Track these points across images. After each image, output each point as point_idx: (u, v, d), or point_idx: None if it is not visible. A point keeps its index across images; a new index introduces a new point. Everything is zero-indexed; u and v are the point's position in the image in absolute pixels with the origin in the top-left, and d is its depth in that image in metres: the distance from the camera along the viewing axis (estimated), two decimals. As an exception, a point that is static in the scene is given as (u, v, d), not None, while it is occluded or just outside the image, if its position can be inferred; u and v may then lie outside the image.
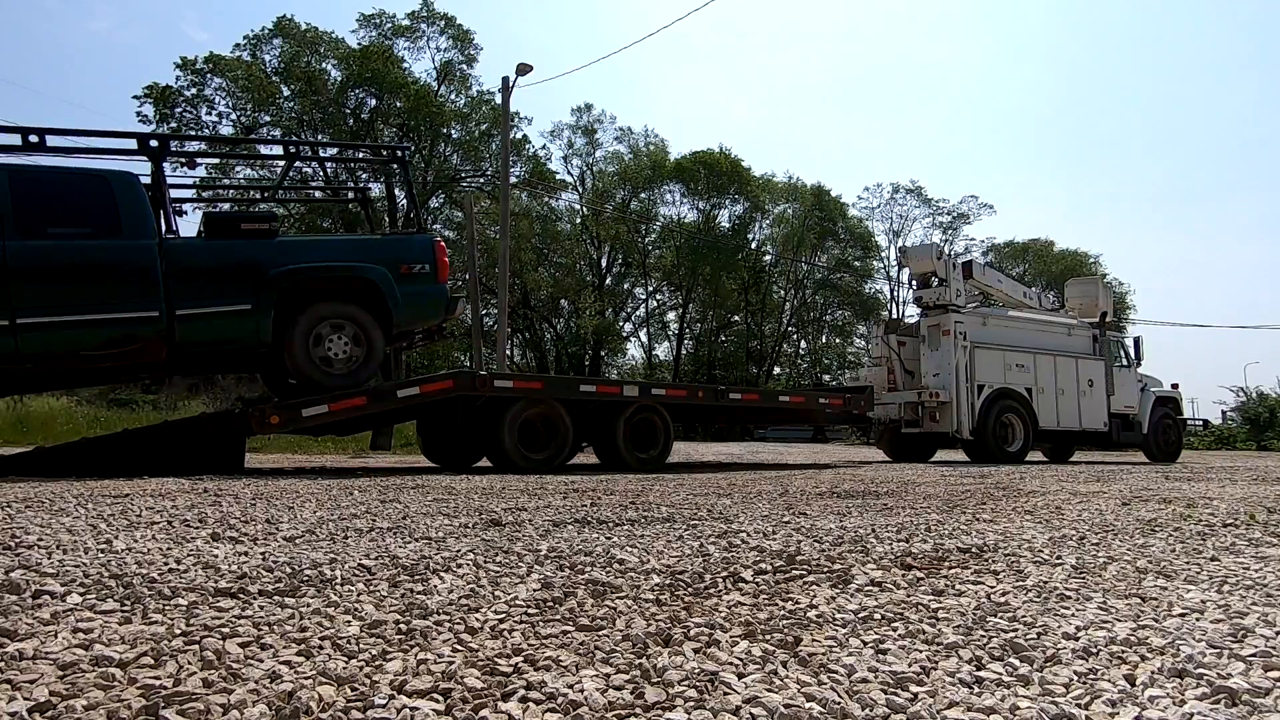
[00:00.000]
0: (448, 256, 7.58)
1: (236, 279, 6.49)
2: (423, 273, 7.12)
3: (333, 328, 6.80)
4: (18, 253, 5.76)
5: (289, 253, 6.76)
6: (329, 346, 6.80)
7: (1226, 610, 1.95)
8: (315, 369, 6.72)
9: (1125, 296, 44.54)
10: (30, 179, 6.04)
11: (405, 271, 7.01)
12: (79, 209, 6.06)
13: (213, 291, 6.41)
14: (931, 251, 13.71)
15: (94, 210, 6.07)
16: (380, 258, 7.00)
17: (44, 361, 5.97)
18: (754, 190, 41.61)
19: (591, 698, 1.30)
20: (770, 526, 3.44)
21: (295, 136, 25.63)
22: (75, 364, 6.12)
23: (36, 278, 5.86)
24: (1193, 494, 5.49)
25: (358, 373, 6.89)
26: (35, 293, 5.85)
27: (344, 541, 2.87)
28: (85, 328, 6.00)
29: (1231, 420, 32.90)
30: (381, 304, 6.90)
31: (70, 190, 6.14)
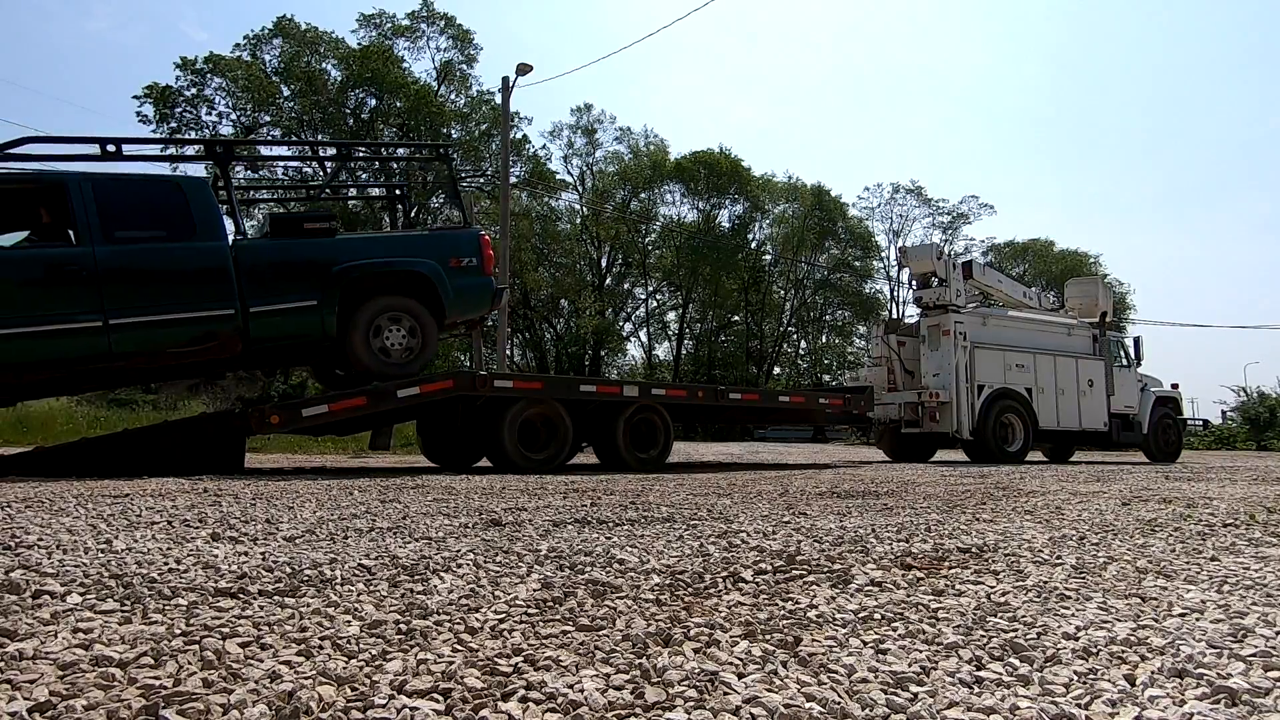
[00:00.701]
0: (492, 250, 7.91)
1: (302, 276, 6.79)
2: (471, 265, 7.46)
3: (390, 320, 7.09)
4: (106, 257, 6.05)
5: (349, 250, 7.09)
6: (387, 338, 7.11)
7: (1226, 610, 1.95)
8: (376, 360, 7.03)
9: (1125, 296, 44.56)
10: (111, 187, 6.30)
11: (455, 265, 7.34)
12: (156, 214, 6.35)
13: (282, 289, 6.72)
14: (931, 251, 13.71)
15: (169, 215, 6.37)
16: (432, 252, 7.32)
17: (133, 359, 6.26)
18: (754, 190, 41.62)
19: (591, 698, 1.30)
20: (770, 526, 3.44)
21: (295, 136, 25.64)
22: (161, 361, 6.42)
23: (124, 280, 6.13)
24: (1193, 494, 5.49)
25: (415, 362, 7.21)
26: (123, 294, 6.12)
27: (344, 541, 2.87)
28: (169, 326, 6.31)
29: (1231, 420, 32.90)
30: (434, 296, 7.21)
31: (147, 196, 6.45)
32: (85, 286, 5.98)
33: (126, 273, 6.15)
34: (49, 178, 6.38)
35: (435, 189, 24.50)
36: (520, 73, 19.31)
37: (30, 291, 5.90)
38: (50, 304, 5.92)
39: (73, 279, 5.95)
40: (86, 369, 6.19)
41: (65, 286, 5.95)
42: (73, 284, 5.96)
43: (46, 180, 6.33)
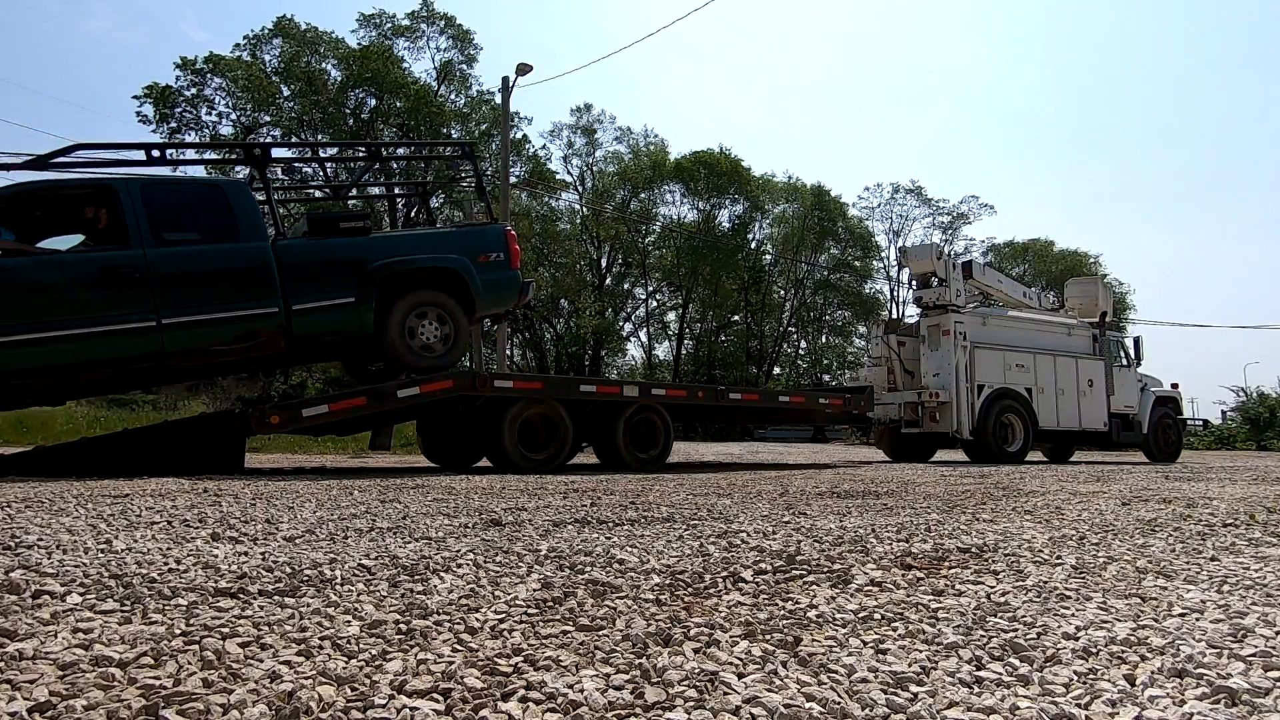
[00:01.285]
0: (518, 244, 8.15)
1: (341, 274, 6.97)
2: (498, 260, 7.68)
3: (423, 315, 7.30)
4: (156, 260, 6.23)
5: (384, 248, 7.27)
6: (421, 332, 7.30)
7: (1226, 610, 1.95)
8: (411, 353, 7.22)
9: (1125, 296, 44.55)
10: (158, 191, 6.52)
11: (483, 260, 7.55)
12: (200, 216, 6.56)
13: (321, 287, 6.89)
14: (931, 252, 13.71)
15: (213, 217, 6.57)
16: (461, 248, 7.55)
17: (185, 357, 6.46)
18: (754, 190, 41.60)
19: (591, 698, 1.30)
20: (770, 526, 3.44)
21: (296, 136, 25.62)
22: (210, 358, 6.62)
23: (174, 281, 6.30)
24: (1193, 494, 5.49)
25: (448, 355, 7.45)
26: (174, 295, 6.29)
27: (344, 541, 2.87)
28: (218, 325, 6.49)
29: (1231, 420, 32.90)
30: (465, 291, 7.43)
31: (191, 200, 6.69)
32: (138, 288, 6.16)
33: (176, 274, 6.32)
34: (99, 182, 6.57)
35: (437, 188, 24.46)
36: (520, 73, 19.31)
37: (87, 293, 6.06)
38: (106, 305, 6.09)
39: (126, 281, 6.12)
40: (141, 368, 6.38)
41: (120, 288, 6.12)
42: (127, 286, 6.13)
43: (97, 185, 6.52)
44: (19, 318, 5.83)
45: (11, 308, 5.82)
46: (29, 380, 6.06)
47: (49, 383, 6.22)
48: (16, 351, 5.83)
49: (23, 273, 5.94)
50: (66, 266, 6.14)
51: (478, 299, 7.50)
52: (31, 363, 5.92)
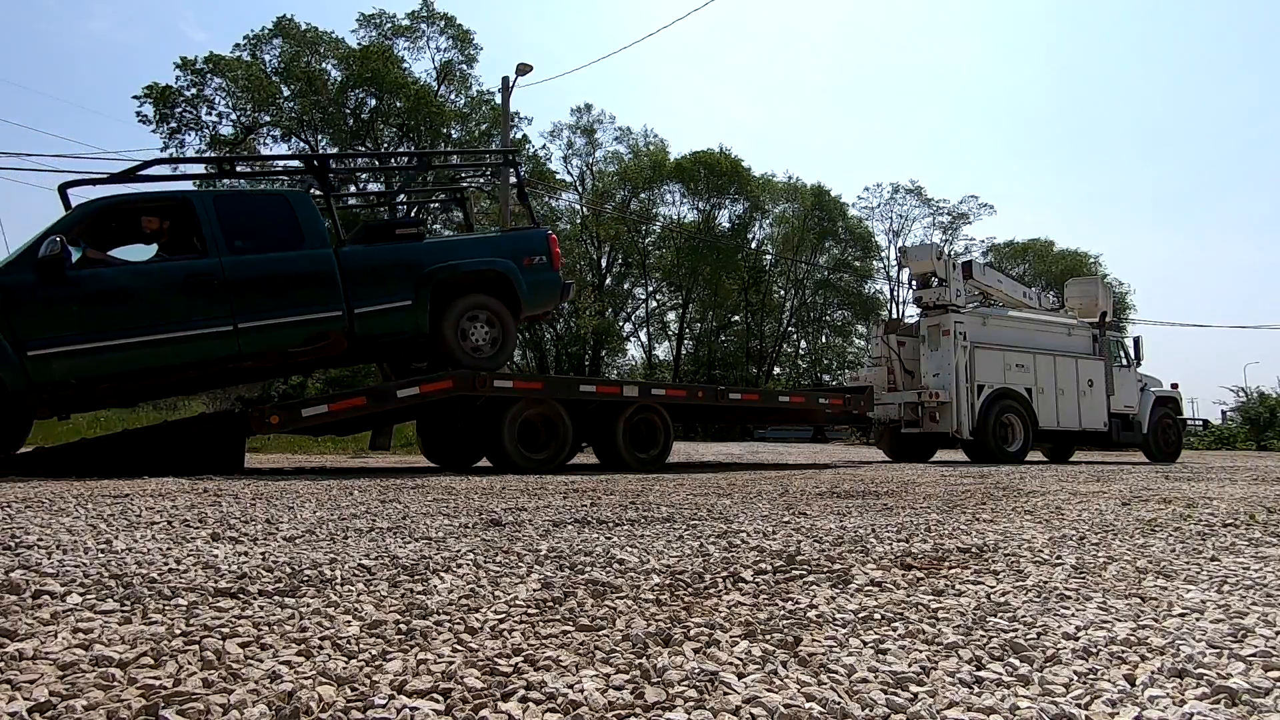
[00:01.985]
0: (559, 248, 8.46)
1: (398, 279, 7.27)
2: (541, 263, 7.99)
3: (474, 316, 7.61)
4: (231, 267, 6.60)
5: (437, 253, 7.60)
6: (472, 333, 7.60)
7: (1226, 610, 1.95)
8: (464, 354, 7.50)
9: (1125, 296, 44.56)
10: (229, 202, 6.95)
11: (528, 263, 7.87)
12: (268, 226, 6.91)
13: (381, 290, 7.20)
14: (931, 252, 13.71)
15: (279, 226, 6.92)
16: (508, 252, 7.83)
17: (259, 359, 6.83)
18: (754, 190, 41.59)
19: (591, 698, 1.30)
20: (770, 526, 3.44)
21: (295, 136, 25.62)
22: (280, 360, 6.99)
23: (247, 288, 6.66)
24: (1193, 494, 5.49)
25: (498, 355, 7.74)
26: (248, 300, 6.65)
27: (344, 541, 2.87)
28: (287, 328, 6.84)
29: (1231, 420, 32.90)
30: (512, 293, 7.75)
31: (259, 210, 7.06)
32: (216, 294, 6.52)
33: (249, 280, 6.67)
34: (176, 196, 7.00)
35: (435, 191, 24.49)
36: (520, 73, 19.30)
37: (170, 301, 6.42)
38: (188, 311, 6.45)
39: (205, 288, 6.49)
40: (220, 369, 6.77)
41: (199, 295, 6.48)
42: (206, 293, 6.49)
43: (175, 198, 6.93)
44: (109, 325, 6.18)
45: (102, 315, 6.17)
46: (117, 384, 6.35)
47: (135, 386, 6.53)
48: (107, 357, 6.16)
49: (113, 282, 6.30)
50: (151, 276, 6.47)
51: (524, 300, 7.81)
52: (120, 367, 6.24)
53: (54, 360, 6.00)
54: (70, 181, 7.20)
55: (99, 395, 6.47)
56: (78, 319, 6.10)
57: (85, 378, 6.15)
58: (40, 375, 5.96)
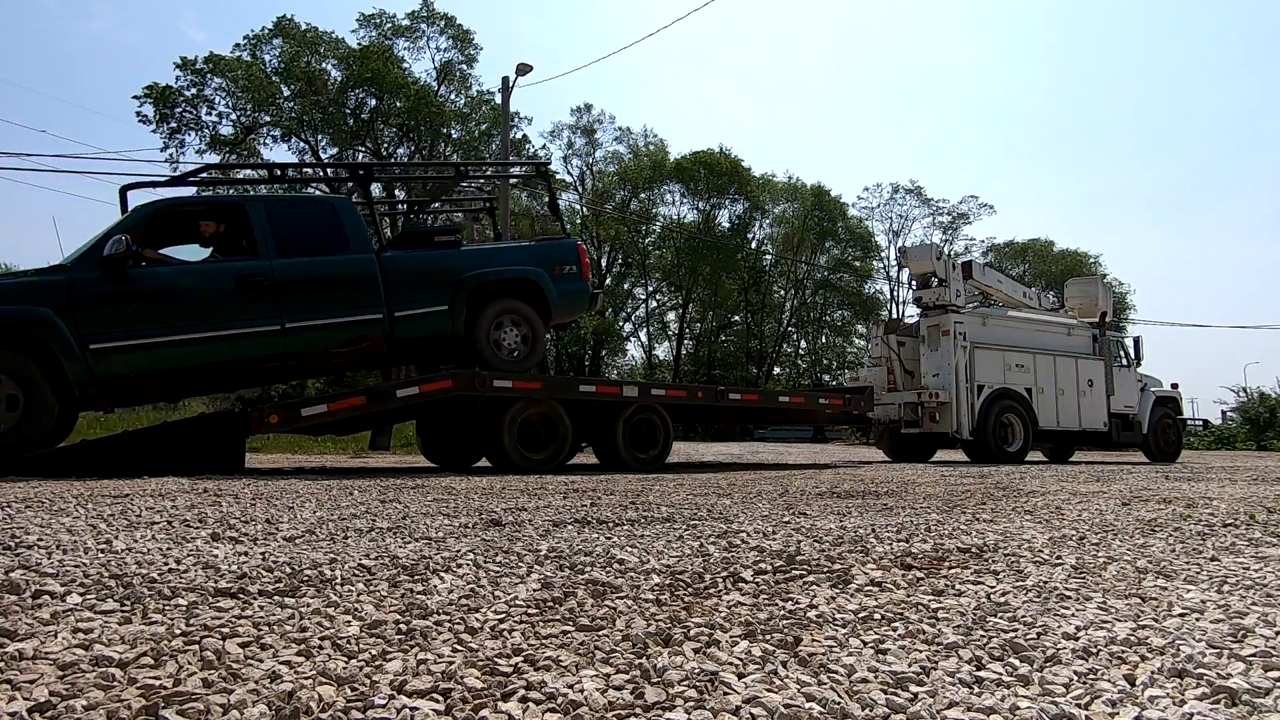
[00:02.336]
0: (589, 258, 8.71)
1: (436, 284, 7.53)
2: (571, 273, 8.24)
3: (506, 321, 7.86)
4: (280, 269, 6.85)
5: (473, 260, 7.84)
6: (504, 338, 7.84)
7: (1226, 610, 1.95)
8: (496, 357, 7.74)
9: (1125, 296, 44.55)
10: (278, 207, 7.20)
11: (559, 272, 8.13)
12: (314, 230, 7.16)
13: (419, 295, 7.44)
14: (931, 252, 13.71)
15: (325, 231, 7.18)
16: (540, 261, 8.11)
17: (303, 359, 7.09)
18: (754, 190, 41.59)
19: (591, 698, 1.30)
20: (770, 526, 3.44)
21: (296, 136, 25.62)
22: (323, 359, 7.25)
23: (295, 289, 6.89)
24: (1193, 494, 5.49)
25: (528, 358, 7.98)
26: (295, 301, 6.88)
27: (344, 541, 2.87)
28: (331, 329, 7.09)
29: (1232, 420, 32.90)
30: (542, 300, 7.99)
31: (307, 215, 7.32)
32: (265, 295, 6.75)
33: (297, 283, 6.91)
34: (230, 200, 7.34)
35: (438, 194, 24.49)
36: (520, 73, 19.30)
37: (223, 300, 6.65)
38: (239, 311, 6.68)
39: (256, 289, 6.73)
40: (267, 367, 7.04)
41: (250, 295, 6.72)
42: (256, 293, 6.72)
43: (229, 202, 7.24)
44: (165, 322, 6.41)
45: (159, 312, 6.40)
46: (170, 379, 6.61)
47: (185, 381, 6.79)
48: (162, 352, 6.39)
49: (169, 281, 6.55)
50: (205, 276, 6.73)
51: (554, 308, 8.06)
52: (174, 363, 6.47)
53: (113, 355, 6.19)
54: (131, 184, 7.55)
55: (152, 390, 6.70)
56: (136, 315, 6.30)
57: (141, 372, 6.36)
58: (100, 369, 6.15)
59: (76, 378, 6.07)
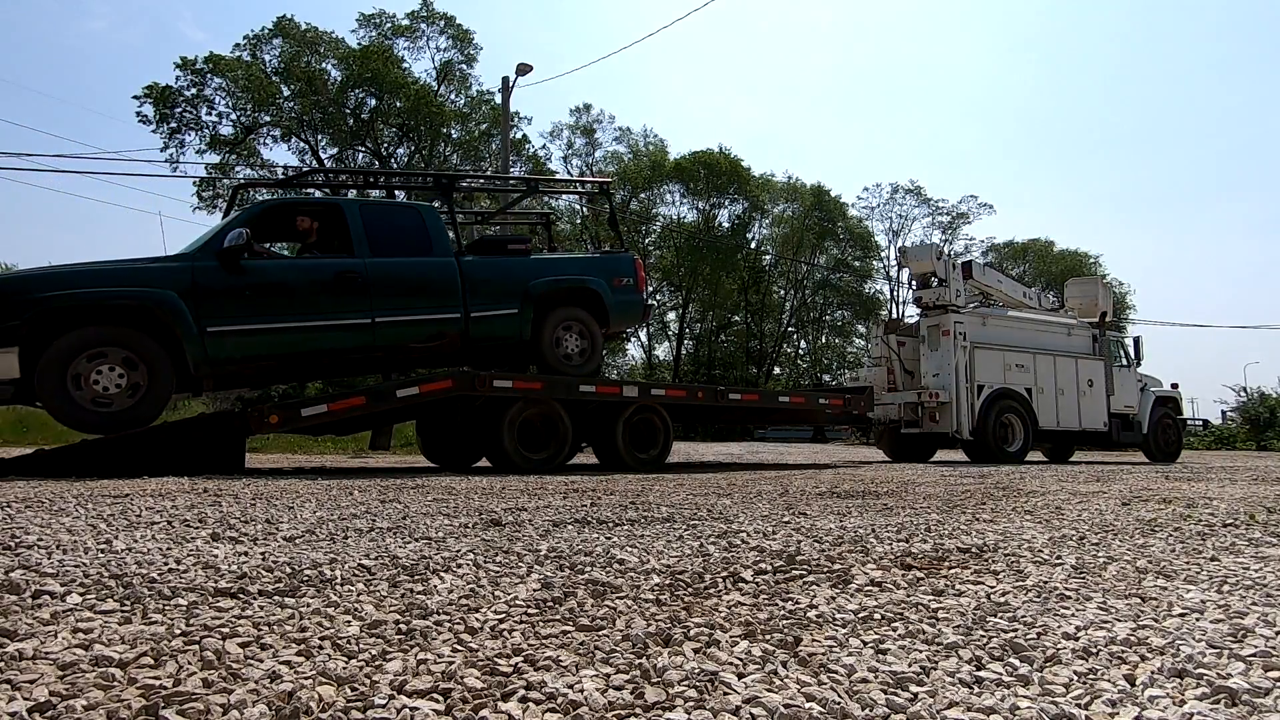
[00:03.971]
0: (644, 271, 9.21)
1: (507, 289, 7.98)
2: (628, 285, 8.73)
3: (567, 327, 8.29)
4: (373, 268, 7.30)
5: (541, 268, 8.31)
6: (566, 343, 8.27)
7: (1226, 610, 1.95)
8: (558, 361, 8.16)
9: (1125, 296, 44.53)
10: (371, 210, 7.72)
11: (617, 284, 8.61)
12: (402, 233, 7.62)
13: (492, 298, 7.88)
14: (931, 252, 13.70)
15: (412, 234, 7.65)
16: (600, 272, 8.61)
17: (388, 351, 7.55)
18: (754, 190, 41.55)
19: (591, 698, 1.30)
20: (770, 526, 3.44)
21: (297, 136, 25.62)
22: (405, 353, 7.71)
23: (384, 287, 7.34)
24: (1193, 494, 5.49)
25: (587, 364, 8.38)
26: (384, 298, 7.33)
27: (344, 541, 2.87)
28: (414, 325, 7.54)
29: (1232, 420, 32.89)
30: (602, 309, 8.45)
31: (396, 218, 7.80)
32: (359, 291, 7.20)
33: (387, 281, 7.36)
34: (329, 202, 7.84)
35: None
36: (520, 73, 19.31)
37: (322, 293, 7.11)
38: (336, 304, 7.14)
39: (351, 285, 7.17)
40: (355, 358, 7.51)
41: (346, 291, 7.17)
42: (351, 289, 7.17)
43: (328, 204, 7.74)
44: (271, 310, 6.87)
45: (266, 302, 6.85)
46: (272, 364, 7.10)
47: (285, 367, 7.30)
48: (267, 339, 6.88)
49: (276, 273, 7.05)
50: (308, 270, 7.21)
51: (611, 316, 8.51)
52: (276, 349, 6.97)
53: (226, 338, 6.65)
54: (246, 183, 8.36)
55: (254, 373, 7.19)
56: (247, 303, 6.75)
57: (248, 356, 6.83)
58: (214, 351, 6.61)
59: (194, 358, 6.50)
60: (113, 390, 6.23)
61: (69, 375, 6.06)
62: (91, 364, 6.14)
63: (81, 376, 6.11)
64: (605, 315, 8.47)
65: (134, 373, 6.28)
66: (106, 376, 6.21)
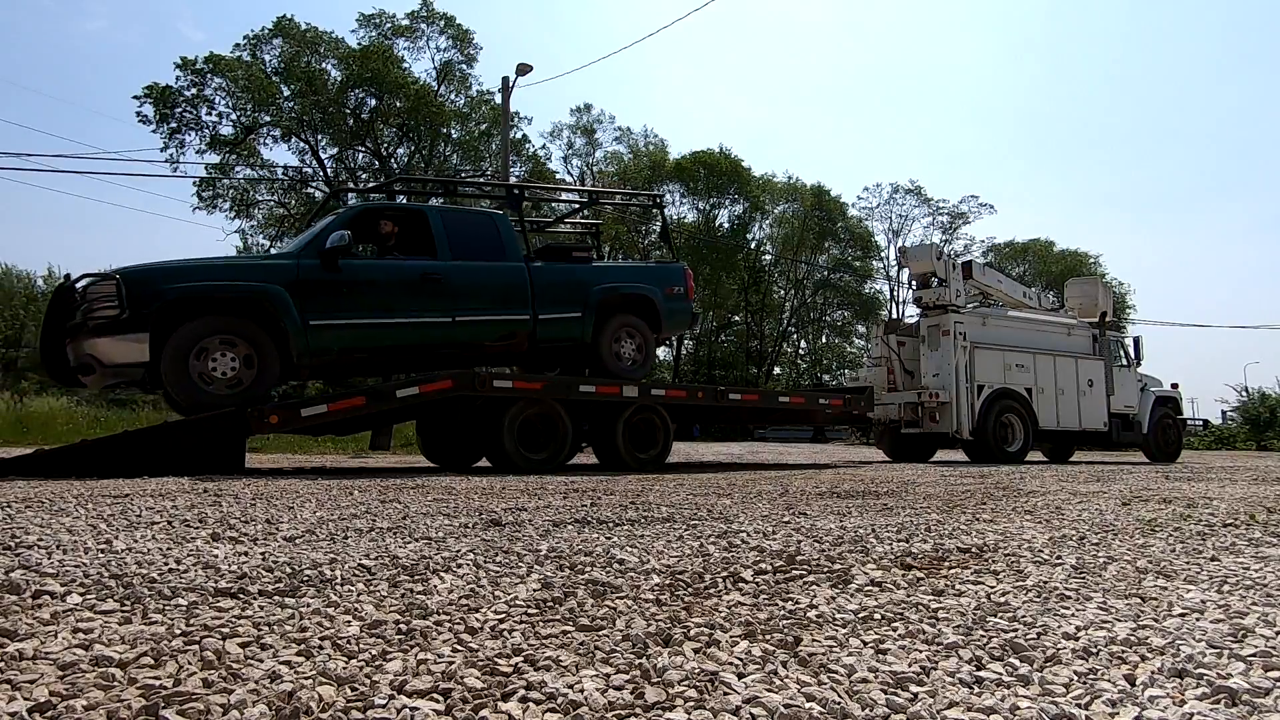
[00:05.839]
0: (693, 281, 9.76)
1: (572, 294, 8.44)
2: (679, 294, 9.21)
3: (623, 332, 8.73)
4: (453, 269, 7.78)
5: (602, 275, 8.82)
6: (622, 347, 8.72)
7: (1226, 610, 1.95)
8: (616, 364, 8.60)
9: (1125, 296, 44.51)
10: (451, 217, 8.17)
11: (669, 292, 9.08)
12: (479, 239, 8.09)
13: (558, 302, 8.33)
14: (931, 252, 13.70)
15: (487, 240, 8.12)
16: (655, 281, 9.10)
17: (464, 349, 8.00)
18: (754, 190, 41.57)
19: (591, 698, 1.30)
20: (770, 526, 3.44)
21: (298, 136, 25.62)
22: (479, 351, 8.17)
23: (463, 288, 7.83)
24: (1193, 494, 5.49)
25: (641, 367, 8.84)
26: (463, 298, 7.82)
27: (344, 541, 2.87)
28: (488, 325, 8.01)
29: (1232, 420, 32.87)
30: (655, 315, 8.92)
31: (472, 225, 8.28)
32: (442, 291, 7.69)
33: (465, 282, 7.84)
34: (415, 208, 8.40)
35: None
36: (520, 73, 19.30)
37: (410, 292, 7.59)
38: (421, 302, 7.63)
39: (435, 285, 7.66)
40: (434, 353, 7.92)
41: (430, 290, 7.65)
42: (435, 289, 7.66)
43: (415, 210, 8.27)
44: (365, 306, 7.35)
45: (360, 298, 7.32)
46: (363, 356, 7.58)
47: (374, 360, 7.77)
48: (361, 332, 7.35)
49: (369, 272, 7.55)
50: (397, 270, 7.65)
51: (664, 323, 9.01)
52: (368, 342, 7.45)
53: (326, 331, 7.11)
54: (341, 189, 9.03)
55: (347, 365, 7.68)
56: (344, 300, 7.23)
57: (344, 348, 7.29)
58: (315, 342, 7.06)
59: (297, 348, 6.95)
60: (228, 375, 6.69)
61: (190, 360, 6.52)
62: (210, 350, 6.63)
63: (200, 361, 6.58)
64: (658, 321, 8.94)
65: (246, 360, 6.76)
66: (221, 362, 6.67)
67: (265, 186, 27.24)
